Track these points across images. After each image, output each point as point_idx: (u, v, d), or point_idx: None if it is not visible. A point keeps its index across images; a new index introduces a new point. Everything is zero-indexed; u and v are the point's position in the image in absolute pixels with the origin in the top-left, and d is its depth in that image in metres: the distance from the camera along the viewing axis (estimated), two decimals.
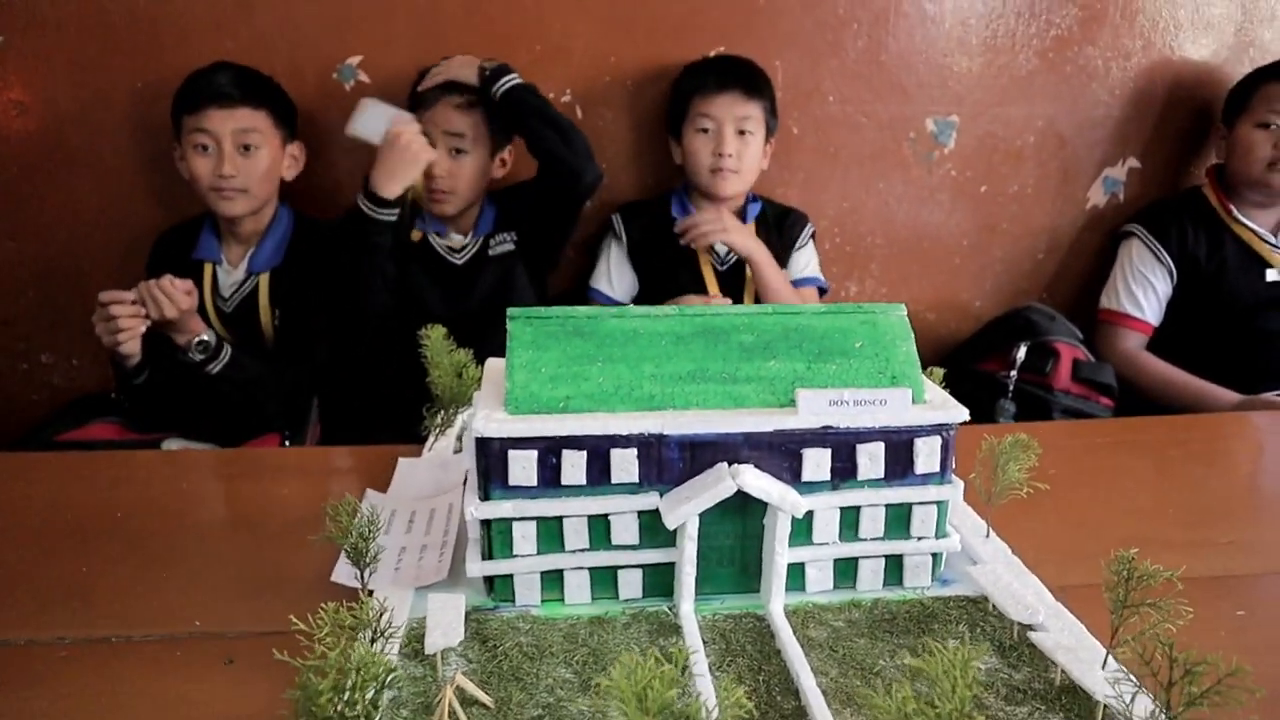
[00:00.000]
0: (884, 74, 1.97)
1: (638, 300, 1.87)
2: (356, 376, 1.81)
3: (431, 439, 1.12)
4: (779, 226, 1.95)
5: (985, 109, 2.02)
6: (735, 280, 1.90)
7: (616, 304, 1.50)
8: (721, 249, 1.86)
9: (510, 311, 0.82)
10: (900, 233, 2.06)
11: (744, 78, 1.82)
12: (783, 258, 1.91)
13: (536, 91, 1.71)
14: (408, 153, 1.61)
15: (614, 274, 1.90)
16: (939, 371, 0.97)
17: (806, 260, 1.95)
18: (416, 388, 1.12)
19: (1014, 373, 1.86)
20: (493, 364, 0.89)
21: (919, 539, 0.83)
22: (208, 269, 1.72)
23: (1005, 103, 2.00)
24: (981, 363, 1.94)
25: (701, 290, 1.86)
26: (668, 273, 1.86)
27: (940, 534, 0.84)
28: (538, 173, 1.74)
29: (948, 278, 2.09)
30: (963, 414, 0.80)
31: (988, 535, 0.92)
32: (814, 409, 0.78)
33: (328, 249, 1.72)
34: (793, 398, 0.79)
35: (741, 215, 1.90)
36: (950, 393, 0.87)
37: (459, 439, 1.11)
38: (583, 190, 1.74)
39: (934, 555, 0.85)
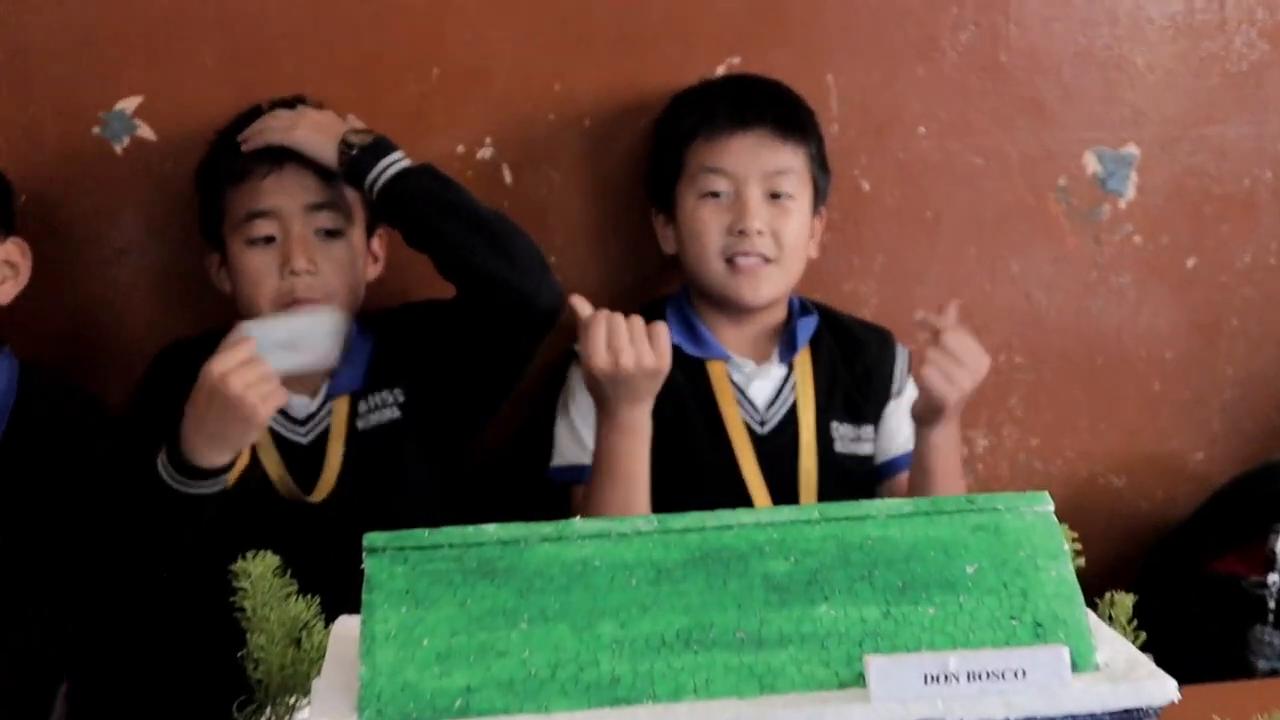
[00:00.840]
0: (1008, 84, 1.54)
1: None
2: (127, 644, 1.44)
3: None
4: (850, 358, 1.49)
5: (1185, 130, 1.65)
6: (782, 455, 1.43)
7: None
8: (766, 393, 1.41)
9: (369, 540, 0.73)
10: (1054, 344, 1.65)
11: (774, 108, 1.39)
12: (863, 417, 1.50)
13: (439, 176, 1.34)
14: (242, 407, 1.21)
15: (583, 438, 1.42)
16: (1125, 602, 0.79)
17: (906, 422, 1.49)
18: (225, 665, 0.88)
19: (1277, 577, 1.52)
20: (344, 627, 0.80)
21: None
22: None
23: (1217, 118, 1.67)
24: (1215, 559, 1.62)
25: (727, 470, 1.40)
26: (672, 439, 1.37)
27: None
28: (456, 298, 1.37)
29: (1143, 415, 1.75)
30: (1168, 690, 0.70)
31: None
32: (898, 688, 0.70)
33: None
34: (860, 670, 0.71)
35: (787, 339, 1.46)
36: (1157, 614, 0.83)
37: None
38: (535, 322, 1.35)
39: None
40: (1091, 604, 0.76)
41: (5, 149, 1.45)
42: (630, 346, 1.25)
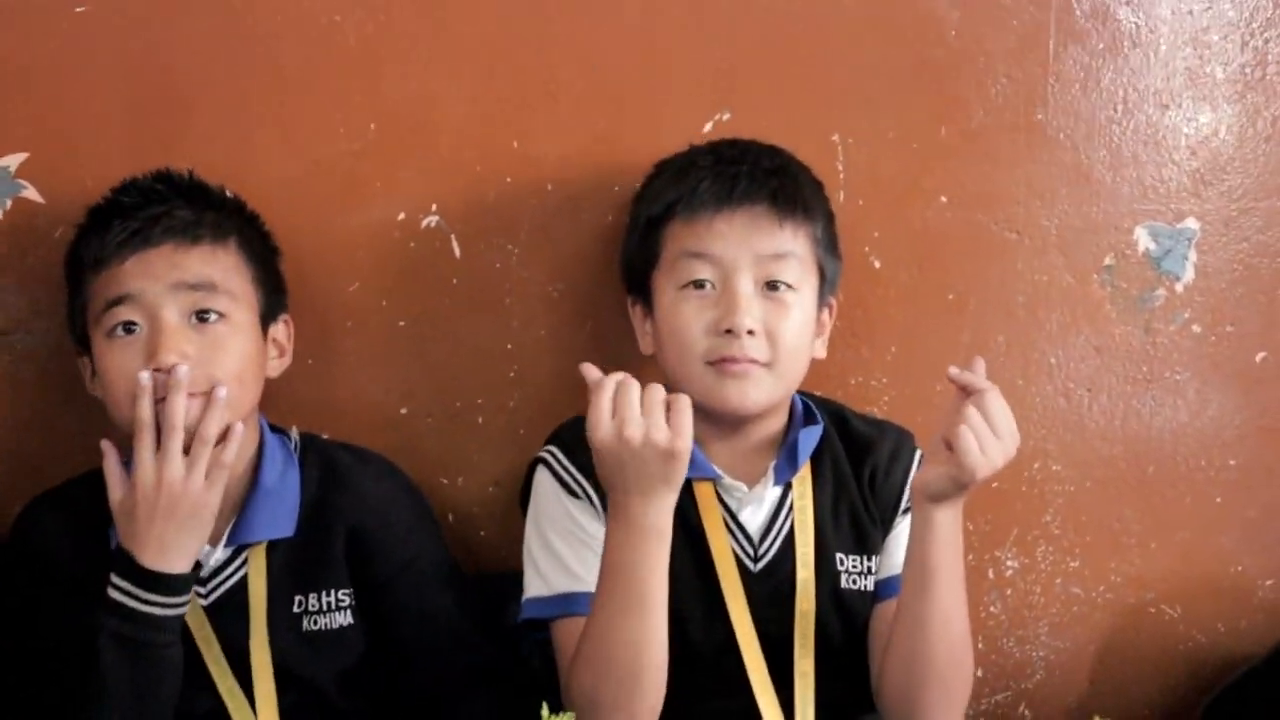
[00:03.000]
0: (1045, 146, 1.40)
1: None
2: None
3: None
4: (859, 464, 1.33)
5: (1253, 202, 1.52)
6: (777, 595, 1.28)
7: None
8: (759, 521, 1.26)
9: None
10: (1098, 450, 1.52)
11: (771, 178, 1.23)
12: (871, 545, 1.34)
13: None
14: (184, 502, 1.12)
15: (564, 558, 1.27)
16: None
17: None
18: None
19: None
20: None
21: None
22: None
23: None
24: None
25: (712, 612, 1.26)
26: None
27: None
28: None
29: (1201, 534, 1.63)
30: None
31: None
32: None
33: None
34: None
35: (786, 454, 1.32)
36: None
37: None
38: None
39: None
40: None
41: None
42: (640, 417, 1.11)
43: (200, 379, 1.15)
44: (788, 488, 1.30)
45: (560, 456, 1.29)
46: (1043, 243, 1.50)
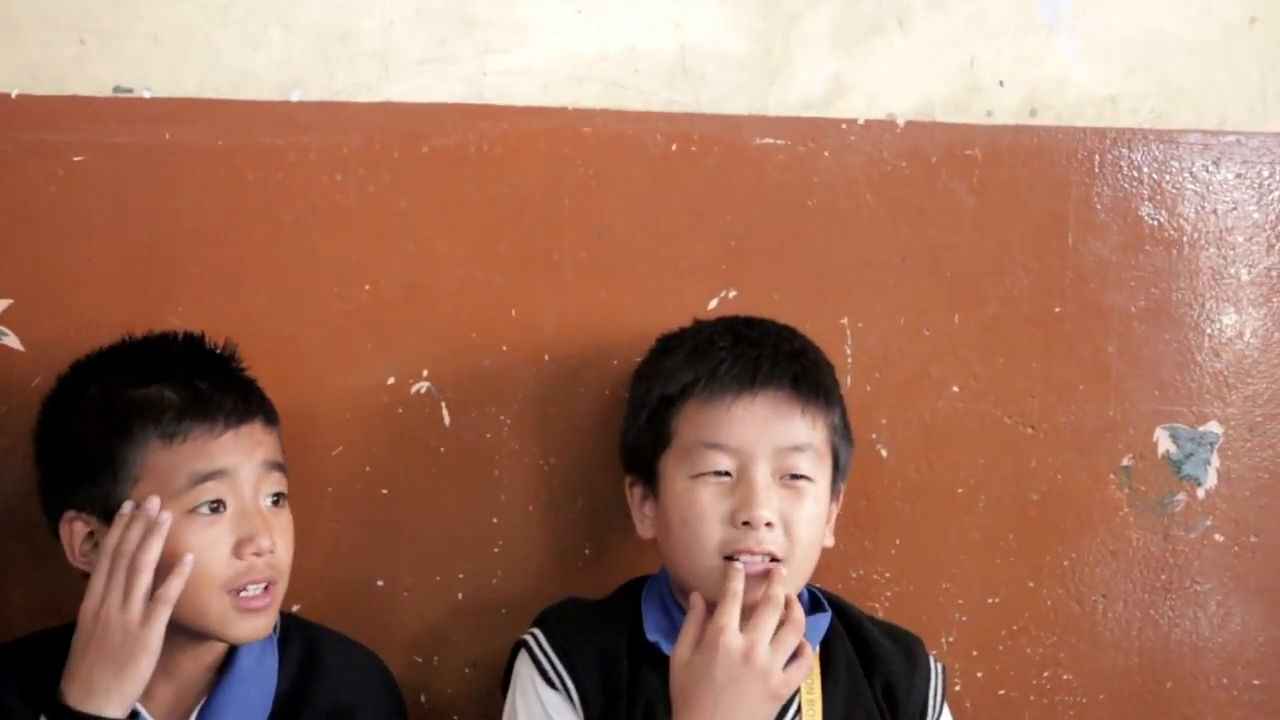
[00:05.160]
0: (1063, 339, 1.35)
1: None
2: None
3: None
4: (870, 671, 1.29)
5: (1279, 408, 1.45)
6: None
7: None
8: None
9: None
10: (1112, 661, 1.41)
11: (792, 364, 1.21)
12: None
13: None
14: (114, 634, 1.07)
15: None
16: None
17: None
18: None
19: None
20: None
21: None
22: None
23: None
24: None
25: None
26: None
27: None
28: None
29: None
30: None
31: None
32: None
33: None
34: None
35: None
36: None
37: None
38: None
39: None
40: None
41: None
42: (768, 635, 1.13)
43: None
44: None
45: (542, 641, 1.22)
46: (1058, 440, 1.44)
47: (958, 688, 1.44)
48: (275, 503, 1.17)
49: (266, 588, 1.14)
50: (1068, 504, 1.46)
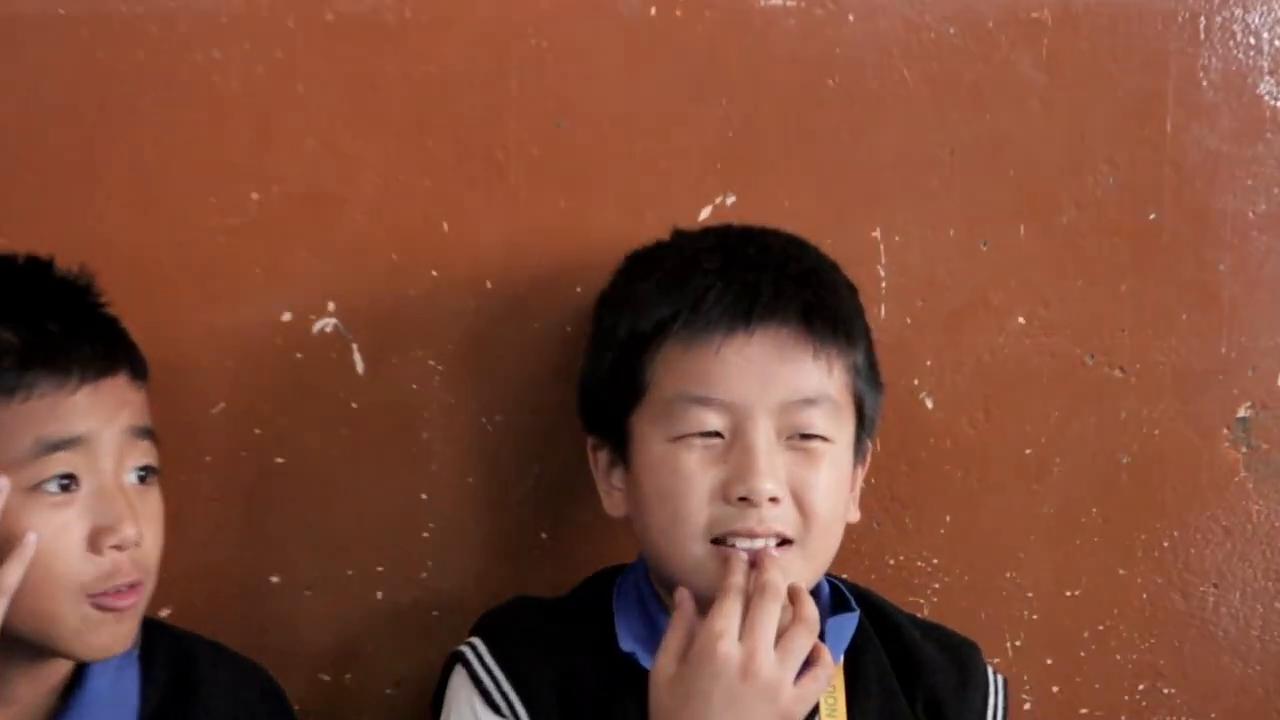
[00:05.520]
0: (1162, 256, 1.23)
1: None
2: None
3: None
4: (910, 683, 1.13)
5: None
6: None
7: None
8: None
9: None
10: (1229, 671, 1.28)
11: (804, 290, 1.05)
12: None
13: None
14: None
15: None
16: None
17: None
18: None
19: None
20: None
21: None
22: None
23: None
24: None
25: None
26: None
27: None
28: None
29: None
30: None
31: None
32: None
33: None
34: None
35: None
36: None
37: None
38: None
39: None
40: None
41: None
42: (774, 652, 0.98)
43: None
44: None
45: (484, 654, 1.05)
46: (1155, 384, 1.28)
47: (1027, 706, 1.28)
48: (142, 479, 1.04)
49: (132, 586, 1.00)
50: (1168, 468, 1.30)
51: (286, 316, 1.16)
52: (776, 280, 1.04)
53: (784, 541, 1.02)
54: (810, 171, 1.21)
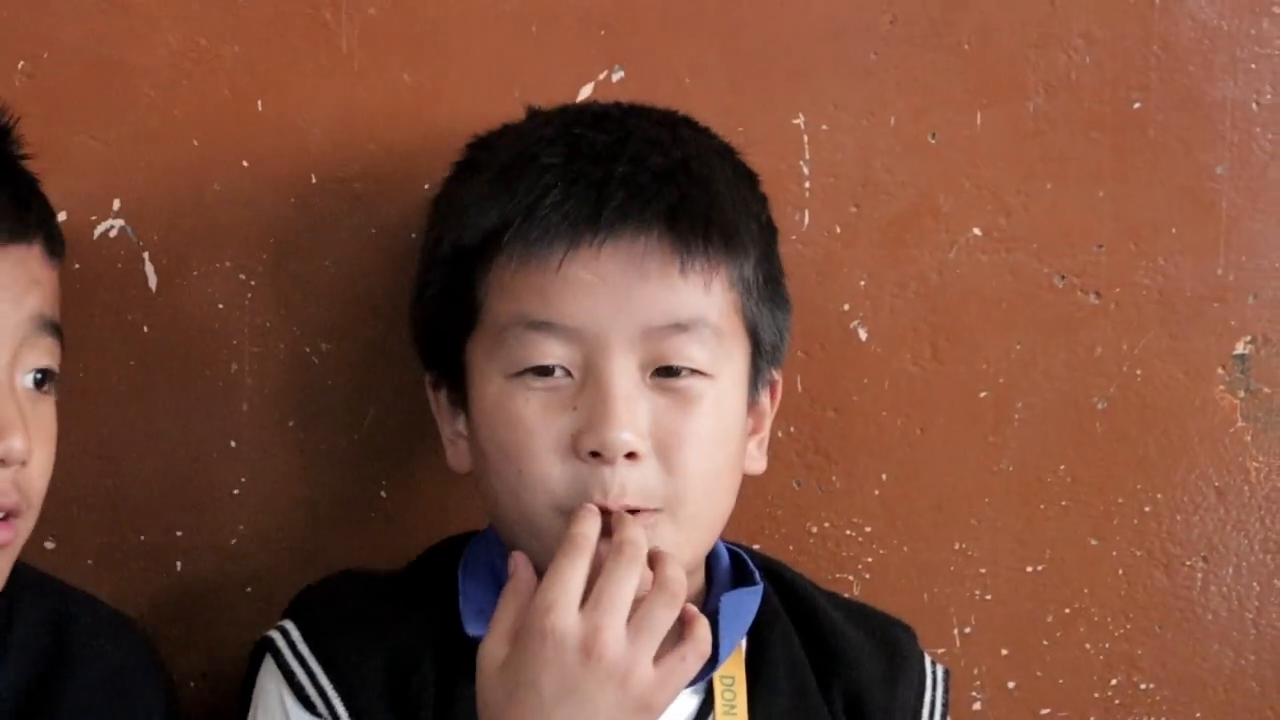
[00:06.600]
0: (1146, 154, 1.09)
1: None
2: None
3: None
4: (828, 672, 1.01)
5: None
6: None
7: None
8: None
9: None
10: (1218, 661, 1.13)
11: (668, 187, 0.90)
12: None
13: None
14: None
15: None
16: None
17: None
18: None
19: None
20: None
21: None
22: None
23: None
24: None
25: None
26: None
27: None
28: None
29: None
30: None
31: None
32: None
33: None
34: None
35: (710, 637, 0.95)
36: None
37: None
38: None
39: None
40: None
41: None
42: (625, 632, 0.86)
43: None
44: (708, 692, 0.93)
45: (297, 641, 0.91)
46: (1138, 313, 1.12)
47: (976, 706, 1.12)
48: (39, 384, 0.93)
49: (6, 517, 0.91)
50: (1151, 415, 1.14)
51: (61, 216, 0.97)
52: (632, 174, 0.89)
53: (649, 511, 0.88)
54: (717, 41, 1.05)
